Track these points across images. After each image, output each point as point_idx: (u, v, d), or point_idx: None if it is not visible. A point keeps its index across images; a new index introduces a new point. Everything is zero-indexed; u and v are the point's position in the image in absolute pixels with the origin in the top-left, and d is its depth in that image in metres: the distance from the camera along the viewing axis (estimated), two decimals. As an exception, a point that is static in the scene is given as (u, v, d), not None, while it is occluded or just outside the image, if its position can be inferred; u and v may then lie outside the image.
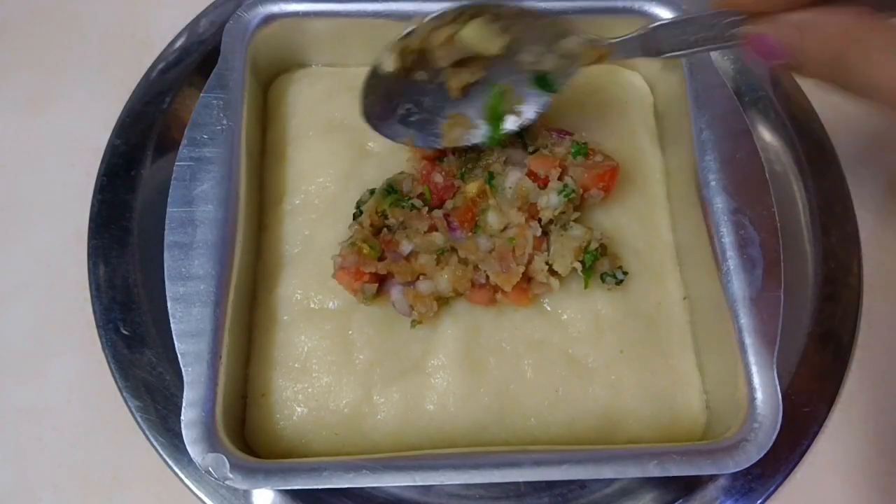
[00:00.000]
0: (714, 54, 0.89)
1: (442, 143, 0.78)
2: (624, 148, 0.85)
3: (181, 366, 0.68)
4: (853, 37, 0.51)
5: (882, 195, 0.93)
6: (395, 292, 0.76)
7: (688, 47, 0.66)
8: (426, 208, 0.78)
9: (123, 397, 0.79)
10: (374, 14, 0.83)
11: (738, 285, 0.71)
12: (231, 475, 0.64)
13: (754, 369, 0.69)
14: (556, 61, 0.73)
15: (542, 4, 0.83)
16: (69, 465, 0.80)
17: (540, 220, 0.77)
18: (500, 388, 0.75)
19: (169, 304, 0.70)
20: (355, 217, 0.78)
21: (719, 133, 0.77)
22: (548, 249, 0.76)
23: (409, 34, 0.71)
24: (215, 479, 0.64)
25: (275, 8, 0.82)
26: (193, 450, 0.65)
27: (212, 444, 0.65)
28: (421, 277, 0.75)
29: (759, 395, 0.68)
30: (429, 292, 0.75)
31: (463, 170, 0.80)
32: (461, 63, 0.74)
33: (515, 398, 0.75)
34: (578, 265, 0.76)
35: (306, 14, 0.83)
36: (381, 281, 0.76)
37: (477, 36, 0.71)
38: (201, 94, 0.77)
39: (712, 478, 0.77)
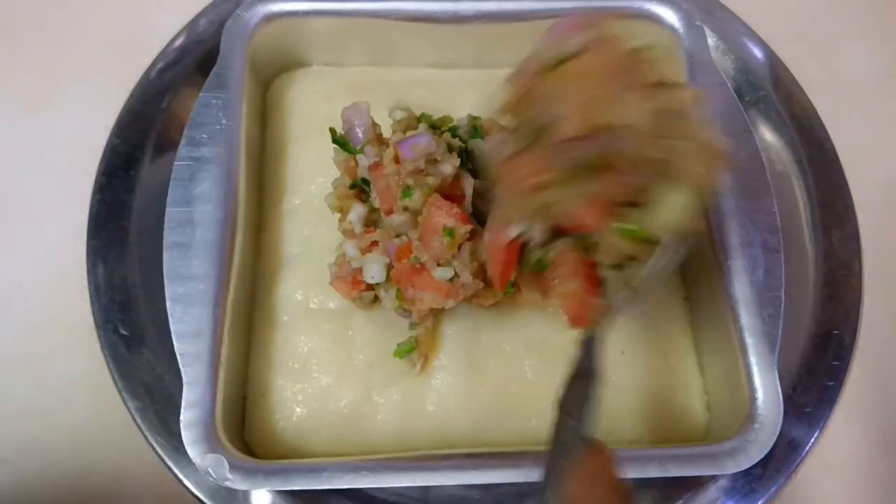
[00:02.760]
0: (714, 52, 0.89)
1: None
2: (624, 147, 0.85)
3: (180, 366, 0.67)
4: None
5: (883, 195, 0.93)
6: (387, 299, 0.73)
7: None
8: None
9: (122, 398, 0.79)
10: (374, 13, 0.83)
11: (739, 285, 0.71)
12: (230, 476, 0.64)
13: (755, 370, 0.69)
14: None
15: (545, 4, 0.83)
16: (68, 466, 0.80)
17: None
18: (501, 389, 0.75)
19: (168, 305, 0.69)
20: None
21: (720, 132, 0.76)
22: None
23: None
24: (215, 479, 0.64)
25: (274, 7, 0.82)
26: (193, 450, 0.65)
27: (211, 444, 0.65)
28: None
29: (760, 395, 0.68)
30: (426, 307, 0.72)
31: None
32: None
33: (516, 399, 0.75)
34: None
35: (306, 13, 0.83)
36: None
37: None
38: (200, 94, 0.77)
39: (713, 478, 0.77)
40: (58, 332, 0.84)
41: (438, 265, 0.68)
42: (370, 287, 0.74)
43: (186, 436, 0.65)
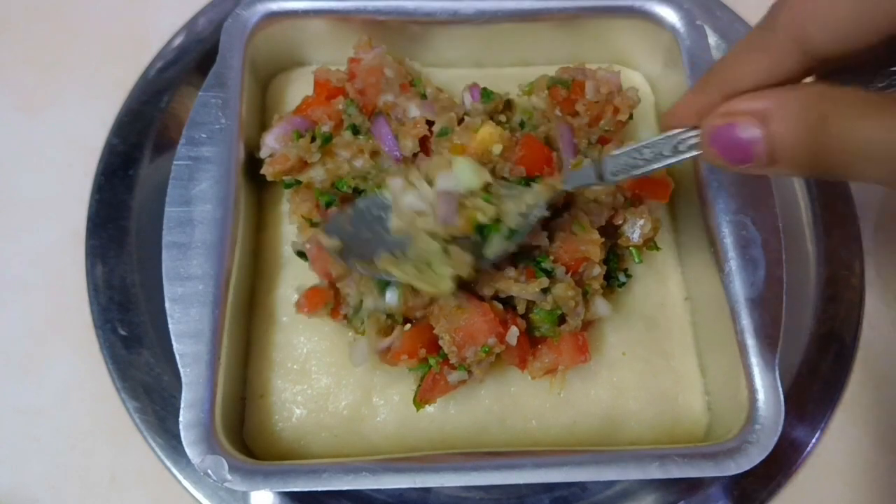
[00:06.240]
0: (715, 52, 0.89)
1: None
2: (625, 147, 0.85)
3: (179, 367, 0.67)
4: (828, 108, 0.45)
5: (884, 195, 0.92)
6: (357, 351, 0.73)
7: (643, 165, 0.60)
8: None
9: (121, 398, 0.79)
10: (374, 12, 0.83)
11: (740, 286, 0.71)
12: (230, 477, 0.64)
13: (756, 370, 0.68)
14: (520, 218, 0.69)
15: (545, 3, 0.83)
16: (67, 467, 0.79)
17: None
18: (501, 390, 0.75)
19: (167, 305, 0.69)
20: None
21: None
22: None
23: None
24: (214, 480, 0.64)
25: (273, 6, 0.82)
26: (192, 451, 0.65)
27: (210, 445, 0.65)
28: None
29: (760, 396, 0.68)
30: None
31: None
32: None
33: (516, 400, 0.75)
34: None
35: (305, 12, 0.83)
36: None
37: (467, 169, 0.70)
38: (199, 93, 0.77)
39: (714, 479, 0.77)
40: (56, 332, 0.84)
41: (454, 368, 0.69)
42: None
43: (186, 437, 0.65)
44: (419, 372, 0.71)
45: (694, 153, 0.56)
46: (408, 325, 0.71)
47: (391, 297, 0.71)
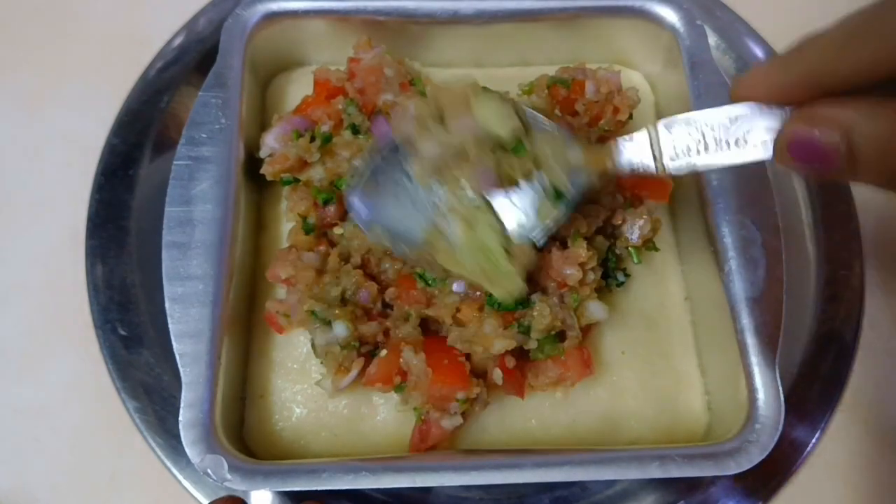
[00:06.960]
0: (715, 52, 0.89)
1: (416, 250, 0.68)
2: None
3: (179, 366, 0.67)
4: None
5: (884, 194, 0.92)
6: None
7: (703, 152, 0.55)
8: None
9: (121, 398, 0.79)
10: (374, 12, 0.83)
11: (740, 286, 0.71)
12: (230, 476, 0.64)
13: (756, 370, 0.68)
14: (561, 173, 0.64)
15: (545, 3, 0.83)
16: (67, 467, 0.79)
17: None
18: (500, 389, 0.74)
19: (167, 305, 0.69)
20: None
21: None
22: None
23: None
24: (214, 480, 0.64)
25: (274, 6, 0.82)
26: (192, 451, 0.65)
27: (210, 445, 0.65)
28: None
29: (760, 396, 0.68)
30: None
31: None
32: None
33: (516, 399, 0.74)
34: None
35: (305, 12, 0.83)
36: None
37: (491, 113, 0.65)
38: (199, 93, 0.77)
39: (714, 479, 0.77)
40: (56, 332, 0.84)
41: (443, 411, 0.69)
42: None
43: (185, 436, 0.65)
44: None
45: (760, 153, 0.53)
46: (384, 352, 0.70)
47: (339, 328, 0.69)
